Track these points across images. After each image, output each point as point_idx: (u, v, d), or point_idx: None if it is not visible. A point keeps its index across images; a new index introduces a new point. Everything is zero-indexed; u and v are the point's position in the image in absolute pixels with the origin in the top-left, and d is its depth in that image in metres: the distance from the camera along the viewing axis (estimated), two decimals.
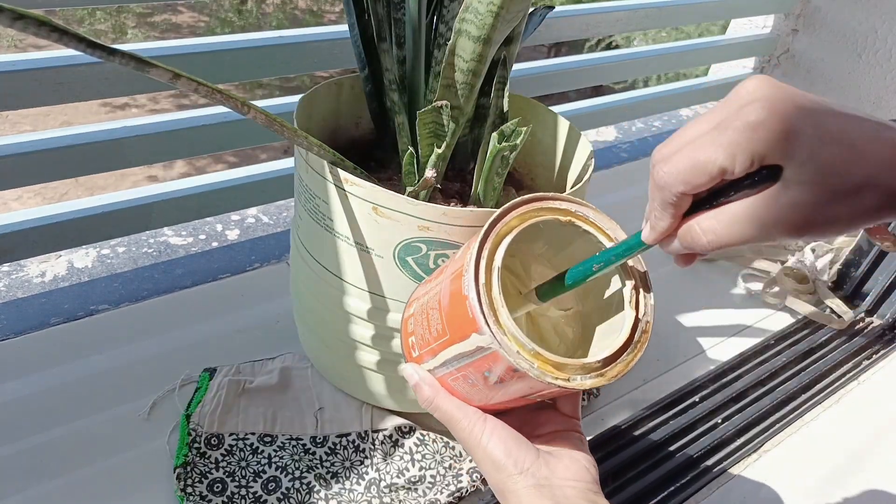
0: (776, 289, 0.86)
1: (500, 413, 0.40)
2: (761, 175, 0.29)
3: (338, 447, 0.57)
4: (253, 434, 0.56)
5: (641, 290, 0.37)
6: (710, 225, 0.31)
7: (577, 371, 0.34)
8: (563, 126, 0.59)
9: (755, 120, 0.28)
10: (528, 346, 0.33)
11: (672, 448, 0.64)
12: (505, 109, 0.54)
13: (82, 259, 0.73)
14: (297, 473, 0.54)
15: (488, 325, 0.33)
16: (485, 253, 0.34)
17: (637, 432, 0.64)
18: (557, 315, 0.44)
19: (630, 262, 0.38)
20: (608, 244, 0.37)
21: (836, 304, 0.84)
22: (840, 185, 0.28)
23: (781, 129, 0.28)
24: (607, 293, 0.40)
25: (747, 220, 0.30)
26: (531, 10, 0.57)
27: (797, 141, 0.28)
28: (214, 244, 0.79)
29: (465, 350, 0.35)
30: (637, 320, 0.36)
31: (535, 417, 0.42)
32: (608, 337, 0.39)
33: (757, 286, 0.86)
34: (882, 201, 0.28)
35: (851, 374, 0.76)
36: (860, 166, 0.28)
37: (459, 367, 0.37)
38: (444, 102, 0.46)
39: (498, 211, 0.36)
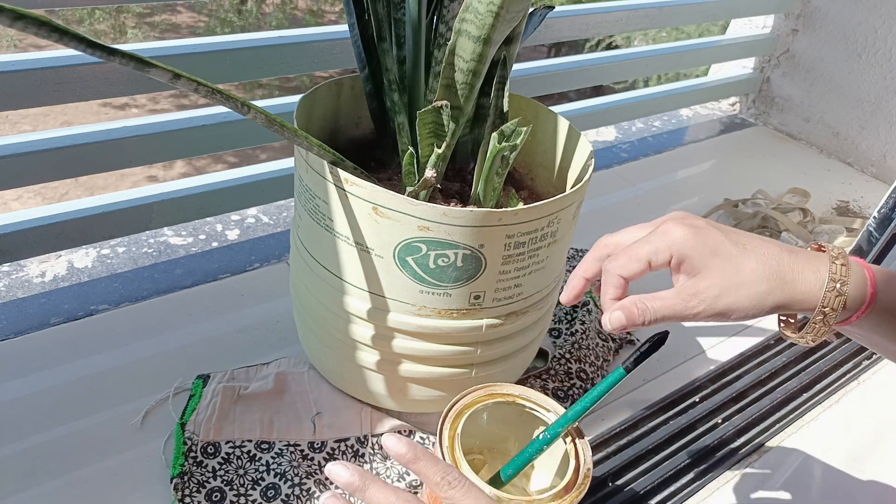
0: None
1: None
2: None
3: (336, 452, 0.57)
4: (250, 441, 0.56)
5: (577, 438, 0.46)
6: (653, 303, 0.41)
7: None
8: (563, 126, 0.59)
9: (667, 228, 0.42)
10: None
11: (672, 448, 0.64)
12: (505, 109, 0.54)
13: (82, 259, 0.73)
14: (297, 480, 0.54)
15: None
16: (447, 454, 0.43)
17: (637, 432, 0.64)
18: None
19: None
20: (551, 416, 0.47)
21: None
22: (735, 276, 0.39)
23: (691, 235, 0.41)
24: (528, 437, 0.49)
25: (677, 296, 0.40)
26: (531, 10, 0.57)
27: (702, 240, 0.40)
28: (214, 244, 0.79)
29: None
30: (578, 465, 0.45)
31: None
32: (548, 475, 0.49)
33: None
34: (771, 289, 0.39)
35: (851, 374, 0.76)
36: (748, 260, 0.39)
37: None
38: (444, 102, 0.46)
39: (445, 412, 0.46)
